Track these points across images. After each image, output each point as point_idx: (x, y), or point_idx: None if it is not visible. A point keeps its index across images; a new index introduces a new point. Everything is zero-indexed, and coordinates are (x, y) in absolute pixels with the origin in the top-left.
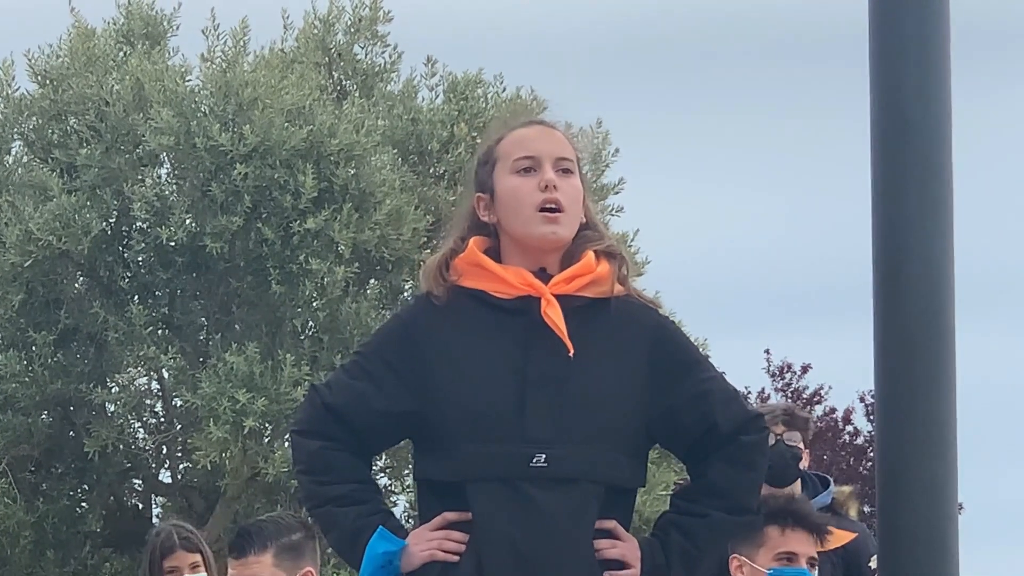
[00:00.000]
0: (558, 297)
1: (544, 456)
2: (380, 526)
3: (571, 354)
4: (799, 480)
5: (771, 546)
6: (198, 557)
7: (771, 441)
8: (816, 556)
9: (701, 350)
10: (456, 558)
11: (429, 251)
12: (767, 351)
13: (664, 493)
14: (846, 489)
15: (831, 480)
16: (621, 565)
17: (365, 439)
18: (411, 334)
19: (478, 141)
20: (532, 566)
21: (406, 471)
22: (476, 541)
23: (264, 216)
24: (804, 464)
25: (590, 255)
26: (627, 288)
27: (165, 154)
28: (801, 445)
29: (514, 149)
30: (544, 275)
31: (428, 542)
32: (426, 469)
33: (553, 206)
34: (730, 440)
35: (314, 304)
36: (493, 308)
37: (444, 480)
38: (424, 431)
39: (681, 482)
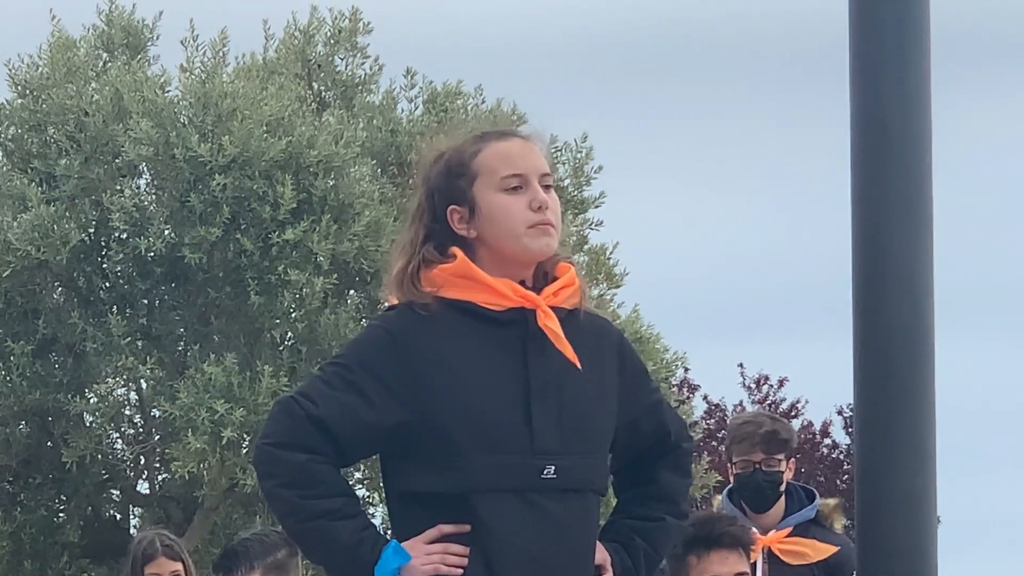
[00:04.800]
0: None
1: (554, 467)
2: (393, 541)
3: (579, 367)
4: (782, 498)
5: (695, 575)
6: (179, 566)
7: (749, 470)
8: (746, 571)
9: (681, 364)
10: (460, 572)
11: None
12: (740, 365)
13: None
14: (831, 502)
15: (816, 493)
16: (598, 571)
17: (345, 452)
18: (398, 345)
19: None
20: None
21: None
22: (487, 553)
23: (243, 227)
24: (790, 475)
25: (570, 267)
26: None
27: (144, 165)
28: (783, 466)
29: (499, 165)
30: (524, 288)
31: (428, 556)
32: (421, 481)
33: (545, 224)
34: (675, 447)
35: (293, 315)
36: (485, 320)
37: (445, 492)
38: (419, 443)
39: None
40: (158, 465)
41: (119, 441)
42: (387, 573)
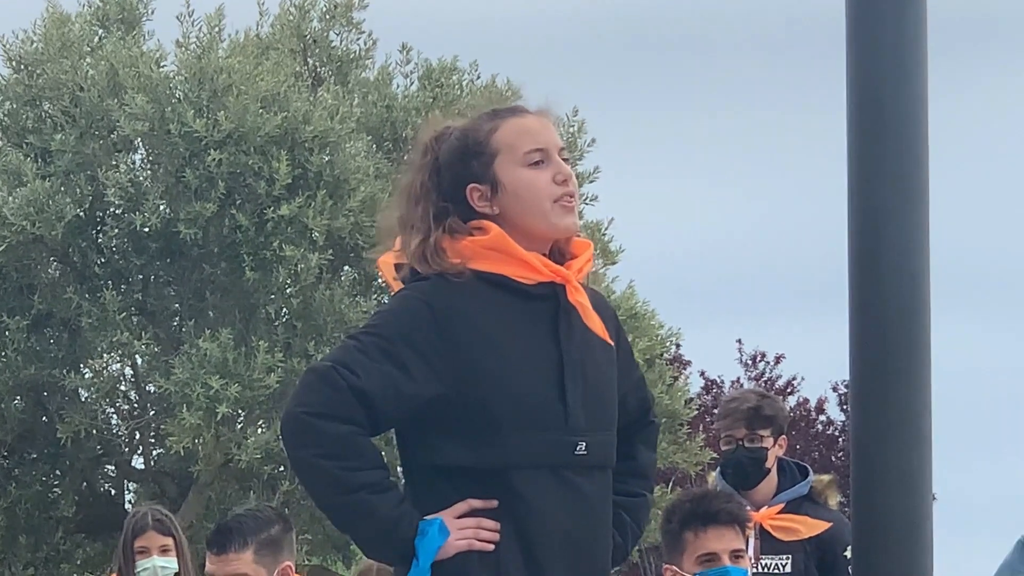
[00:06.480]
0: None
1: (584, 444)
2: (439, 519)
3: (610, 343)
4: (770, 474)
5: (691, 551)
6: (170, 540)
7: (732, 446)
8: (742, 547)
9: (675, 340)
10: (492, 547)
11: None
12: (739, 341)
13: None
14: (825, 478)
15: (810, 469)
16: None
17: (379, 424)
18: (437, 317)
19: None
20: (581, 552)
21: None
22: (523, 528)
23: (238, 202)
24: (780, 452)
25: (589, 244)
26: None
27: (139, 140)
28: (768, 443)
29: (521, 141)
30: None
31: (461, 531)
32: (453, 455)
33: (570, 197)
34: (649, 423)
35: (288, 291)
36: (517, 293)
37: (480, 467)
38: (453, 416)
39: None
40: (153, 440)
41: (114, 416)
42: (432, 551)
